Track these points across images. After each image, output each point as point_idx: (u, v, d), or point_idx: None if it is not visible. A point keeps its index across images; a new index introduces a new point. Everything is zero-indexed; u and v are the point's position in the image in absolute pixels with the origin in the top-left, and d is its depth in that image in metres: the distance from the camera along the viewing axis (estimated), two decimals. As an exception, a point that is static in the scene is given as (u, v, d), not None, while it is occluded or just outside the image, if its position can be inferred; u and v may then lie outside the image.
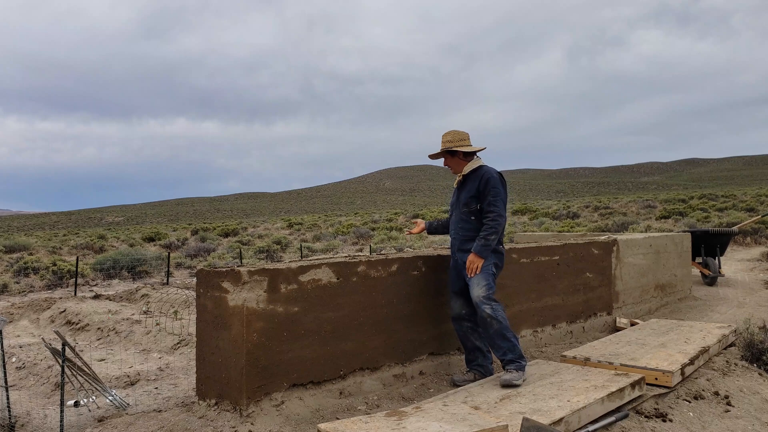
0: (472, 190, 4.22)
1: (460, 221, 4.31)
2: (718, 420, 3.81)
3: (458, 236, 4.31)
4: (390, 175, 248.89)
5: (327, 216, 62.27)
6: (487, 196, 4.14)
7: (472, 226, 4.23)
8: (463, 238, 4.28)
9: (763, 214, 17.12)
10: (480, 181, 4.19)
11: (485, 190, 4.16)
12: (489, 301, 4.04)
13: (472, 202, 4.23)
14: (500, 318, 4.00)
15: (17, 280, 14.56)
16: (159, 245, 26.92)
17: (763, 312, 7.13)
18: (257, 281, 3.56)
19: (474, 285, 4.09)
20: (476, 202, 4.21)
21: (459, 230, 4.30)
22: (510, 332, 4.04)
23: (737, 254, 14.02)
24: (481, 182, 4.18)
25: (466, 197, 4.25)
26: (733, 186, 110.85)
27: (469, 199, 4.24)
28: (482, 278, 4.09)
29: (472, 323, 4.32)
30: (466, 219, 4.26)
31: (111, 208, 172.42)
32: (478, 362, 4.33)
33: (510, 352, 3.97)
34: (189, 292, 10.06)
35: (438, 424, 3.03)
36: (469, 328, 4.32)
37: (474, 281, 4.10)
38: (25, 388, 5.71)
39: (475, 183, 4.22)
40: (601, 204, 40.26)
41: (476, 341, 4.32)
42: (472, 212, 4.23)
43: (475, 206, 4.22)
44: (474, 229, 4.21)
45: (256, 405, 3.51)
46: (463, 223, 4.28)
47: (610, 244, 6.74)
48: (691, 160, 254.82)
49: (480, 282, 4.08)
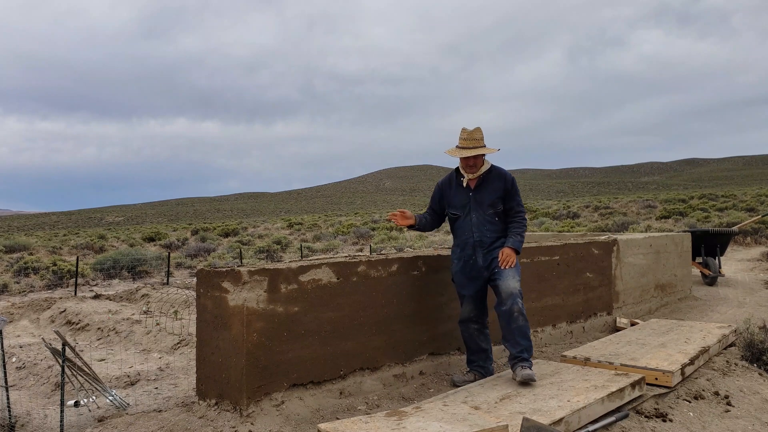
0: (498, 190, 4.20)
1: (484, 223, 4.23)
2: (718, 420, 3.81)
3: (485, 238, 4.22)
4: (390, 175, 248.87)
5: (327, 216, 62.27)
6: (515, 196, 4.23)
7: (497, 227, 4.23)
8: (491, 239, 4.23)
9: (763, 214, 17.12)
10: (506, 182, 4.21)
11: (512, 190, 4.22)
12: (521, 295, 4.08)
13: (498, 203, 4.22)
14: (525, 315, 4.06)
15: (17, 280, 14.56)
16: (159, 245, 26.92)
17: (763, 312, 7.13)
18: (257, 281, 3.56)
19: (509, 277, 4.08)
20: (501, 202, 4.22)
21: (485, 232, 4.22)
22: (530, 331, 4.11)
23: (737, 254, 14.01)
24: (507, 183, 4.21)
25: (492, 198, 4.21)
26: (733, 186, 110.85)
27: (495, 200, 4.21)
28: (516, 272, 4.12)
29: (479, 325, 4.32)
30: (491, 220, 4.22)
31: (111, 208, 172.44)
32: (479, 363, 4.34)
33: (527, 351, 4.01)
34: (189, 292, 10.06)
35: (438, 424, 3.03)
36: (476, 330, 4.31)
37: (509, 274, 4.09)
38: (25, 388, 5.71)
39: (499, 183, 4.22)
40: (601, 204, 40.26)
41: (482, 343, 4.32)
42: (497, 213, 4.22)
43: (500, 207, 4.22)
44: (499, 231, 4.22)
45: (256, 405, 3.51)
46: (489, 225, 4.23)
47: (610, 244, 6.74)
48: (691, 160, 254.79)
49: (515, 275, 4.10)
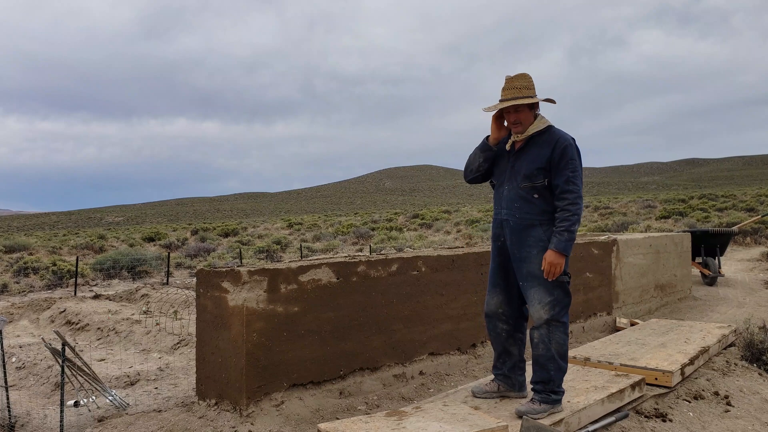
0: (541, 159, 3.23)
1: (517, 199, 3.30)
2: (718, 420, 3.81)
3: (514, 218, 3.32)
4: (390, 175, 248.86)
5: (327, 216, 62.27)
6: (564, 170, 3.17)
7: (534, 207, 3.26)
8: (521, 222, 3.30)
9: (763, 214, 17.12)
10: (554, 149, 3.20)
11: (561, 161, 3.18)
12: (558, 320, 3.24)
13: (538, 175, 3.23)
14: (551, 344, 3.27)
15: (17, 280, 14.55)
16: (159, 245, 26.91)
17: (763, 312, 7.13)
18: (257, 281, 3.56)
19: (535, 301, 3.26)
20: (544, 175, 3.23)
21: (515, 210, 3.31)
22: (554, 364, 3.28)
23: (737, 254, 14.01)
24: (556, 150, 3.19)
25: (531, 168, 3.25)
26: (733, 186, 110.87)
27: (534, 171, 3.24)
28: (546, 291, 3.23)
29: (509, 326, 3.51)
30: (526, 197, 3.27)
31: (111, 208, 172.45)
32: (504, 372, 3.57)
33: (543, 383, 3.29)
34: (189, 292, 10.06)
35: (438, 424, 3.03)
36: (505, 332, 3.52)
37: (536, 295, 3.25)
38: (25, 388, 5.70)
39: (544, 150, 3.23)
40: (601, 204, 40.26)
41: (511, 347, 3.54)
42: (536, 188, 3.25)
43: (541, 181, 3.24)
44: (537, 212, 3.26)
45: (256, 405, 3.51)
46: (523, 202, 3.28)
47: (610, 244, 6.74)
48: (691, 160, 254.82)
49: (548, 294, 3.23)
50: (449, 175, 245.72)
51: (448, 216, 38.43)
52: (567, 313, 3.31)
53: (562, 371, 3.30)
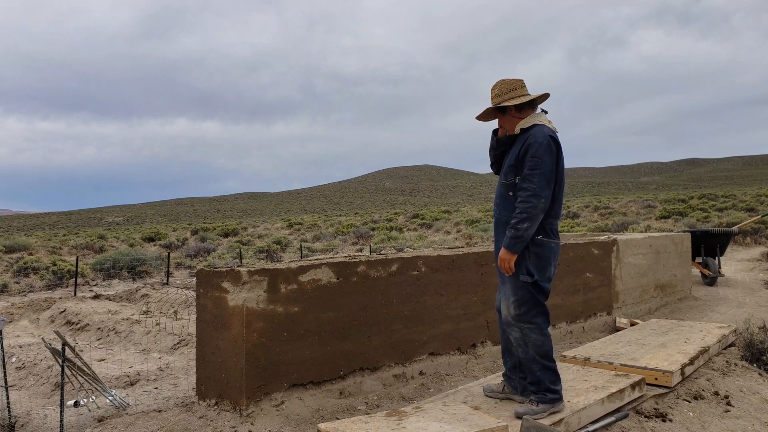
0: (512, 157, 3.34)
1: (499, 195, 3.46)
2: (718, 420, 3.81)
3: (495, 215, 3.48)
4: (390, 175, 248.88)
5: (327, 216, 62.27)
6: (524, 168, 3.22)
7: (509, 205, 3.34)
8: (500, 219, 3.43)
9: (763, 214, 17.12)
10: (521, 147, 3.27)
11: (525, 158, 3.23)
12: (523, 320, 3.29)
13: (510, 173, 3.34)
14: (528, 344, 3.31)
15: (17, 280, 14.56)
16: (159, 245, 26.92)
17: (763, 312, 7.13)
18: (257, 281, 3.56)
19: (503, 297, 3.38)
20: (515, 173, 3.31)
21: (497, 207, 3.47)
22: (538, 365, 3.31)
23: (737, 254, 14.01)
24: (523, 147, 3.26)
25: (507, 166, 3.38)
26: (733, 186, 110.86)
27: (507, 169, 3.36)
28: (512, 290, 3.31)
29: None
30: (504, 195, 3.39)
31: (111, 208, 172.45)
32: (506, 373, 3.64)
33: (534, 384, 3.35)
34: (189, 292, 10.06)
35: (438, 424, 3.03)
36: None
37: (504, 292, 3.38)
38: (25, 388, 5.70)
39: (516, 148, 3.34)
40: (601, 204, 40.26)
41: (511, 346, 3.56)
42: (509, 186, 3.35)
43: (512, 179, 3.33)
44: (511, 209, 3.30)
45: (256, 405, 3.51)
46: (501, 199, 3.42)
47: (610, 244, 6.74)
48: (691, 160, 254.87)
49: (512, 293, 3.31)
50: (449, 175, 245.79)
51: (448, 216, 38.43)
52: (539, 314, 3.32)
53: (549, 370, 3.31)
